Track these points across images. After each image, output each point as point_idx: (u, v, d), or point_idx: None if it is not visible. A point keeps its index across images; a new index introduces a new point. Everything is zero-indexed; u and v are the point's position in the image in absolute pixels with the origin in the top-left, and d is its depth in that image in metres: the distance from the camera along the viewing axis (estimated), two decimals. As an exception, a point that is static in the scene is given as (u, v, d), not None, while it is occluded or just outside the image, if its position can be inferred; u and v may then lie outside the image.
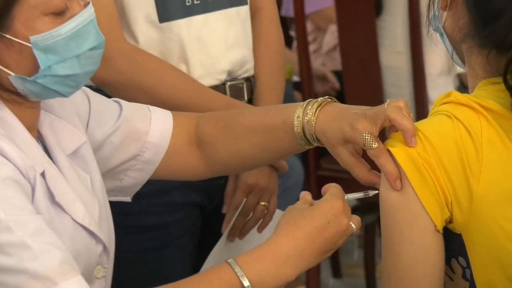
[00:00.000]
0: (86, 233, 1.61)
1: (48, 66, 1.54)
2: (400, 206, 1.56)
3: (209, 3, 2.16)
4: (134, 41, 2.13)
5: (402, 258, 1.57)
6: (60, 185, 1.59)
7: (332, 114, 1.67)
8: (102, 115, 1.79)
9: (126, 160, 1.81)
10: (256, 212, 2.23)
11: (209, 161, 1.86)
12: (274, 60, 2.29)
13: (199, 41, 2.16)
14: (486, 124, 1.56)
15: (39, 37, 1.53)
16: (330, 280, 4.07)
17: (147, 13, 2.12)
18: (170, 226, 2.19)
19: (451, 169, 1.54)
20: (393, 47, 3.33)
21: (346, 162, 1.67)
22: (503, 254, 1.56)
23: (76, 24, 1.55)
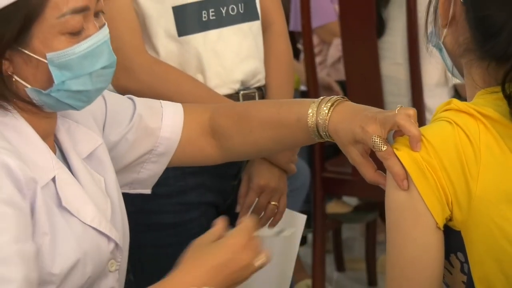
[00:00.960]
0: (96, 233, 1.60)
1: (62, 82, 1.53)
2: (405, 205, 1.56)
3: (223, 18, 2.16)
4: (155, 53, 2.12)
5: (405, 252, 1.57)
6: (70, 190, 1.58)
7: (344, 115, 1.67)
8: (118, 116, 1.78)
9: (142, 155, 1.81)
10: (267, 211, 2.22)
11: (223, 149, 1.86)
12: (283, 71, 2.28)
13: (215, 54, 2.15)
14: (484, 130, 1.55)
15: (55, 55, 1.51)
16: (334, 273, 4.06)
17: (167, 28, 2.11)
18: (187, 224, 2.18)
19: (451, 171, 1.54)
20: (393, 59, 3.32)
21: (355, 161, 1.67)
22: (499, 251, 1.56)
23: (90, 44, 1.54)
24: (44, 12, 1.49)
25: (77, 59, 1.53)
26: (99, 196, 1.64)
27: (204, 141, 1.84)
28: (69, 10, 1.50)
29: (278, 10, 2.33)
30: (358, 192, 3.59)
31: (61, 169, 1.58)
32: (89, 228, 1.58)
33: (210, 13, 2.14)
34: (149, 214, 2.16)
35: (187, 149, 1.83)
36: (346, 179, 3.41)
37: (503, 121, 1.56)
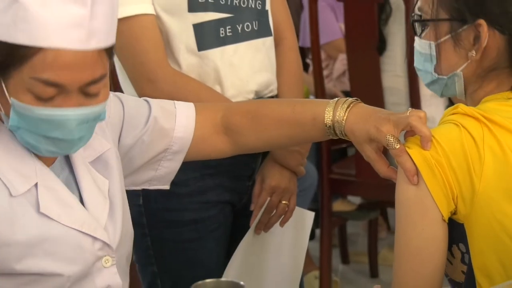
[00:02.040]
0: (79, 233, 1.54)
1: (17, 127, 1.46)
2: (414, 198, 1.56)
3: (239, 34, 2.14)
4: (177, 67, 2.11)
5: (413, 241, 1.57)
6: (51, 195, 1.52)
7: (359, 116, 1.66)
8: (134, 120, 1.74)
9: (157, 154, 1.77)
10: (278, 210, 2.20)
11: (236, 145, 1.83)
12: (293, 82, 2.27)
13: (231, 67, 2.13)
14: (488, 132, 1.56)
15: (17, 103, 1.43)
16: (340, 265, 4.04)
17: (187, 44, 2.10)
18: (206, 220, 2.17)
19: (458, 169, 1.54)
20: (393, 71, 3.31)
21: (369, 157, 1.66)
22: (498, 243, 1.56)
23: (52, 114, 1.44)
24: (23, 66, 1.41)
25: (34, 118, 1.44)
26: (98, 198, 1.60)
27: (216, 138, 1.81)
28: (40, 78, 1.41)
29: (289, 27, 2.31)
30: (361, 192, 3.58)
31: (46, 176, 1.53)
32: (70, 230, 1.52)
33: (227, 30, 2.13)
34: (171, 211, 2.14)
35: (200, 146, 1.80)
36: (350, 180, 3.40)
37: (505, 125, 1.57)
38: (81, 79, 1.43)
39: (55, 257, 1.50)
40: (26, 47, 1.40)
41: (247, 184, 2.23)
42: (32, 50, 1.40)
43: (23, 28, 1.39)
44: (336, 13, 3.99)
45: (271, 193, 2.18)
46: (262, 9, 2.19)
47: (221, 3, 2.11)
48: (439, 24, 1.63)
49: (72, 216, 1.54)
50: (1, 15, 1.41)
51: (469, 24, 1.61)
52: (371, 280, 3.88)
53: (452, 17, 1.61)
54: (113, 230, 1.60)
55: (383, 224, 4.31)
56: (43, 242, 1.50)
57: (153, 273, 2.18)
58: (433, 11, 1.63)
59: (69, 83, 1.42)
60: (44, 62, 1.40)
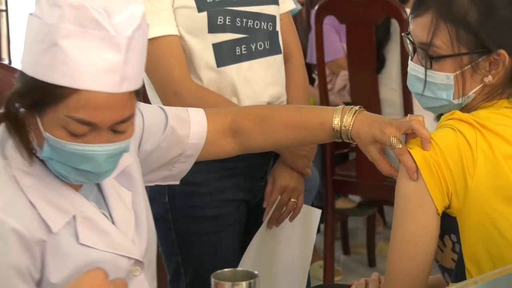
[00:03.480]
0: (116, 256, 1.49)
1: (49, 158, 1.41)
2: (413, 193, 1.55)
3: (253, 53, 2.13)
4: (198, 81, 2.10)
5: (409, 231, 1.56)
6: (89, 225, 1.47)
7: (365, 121, 1.66)
8: (153, 129, 1.69)
9: (173, 158, 1.74)
10: (288, 206, 2.19)
11: (242, 146, 1.80)
12: (301, 95, 2.25)
13: (246, 81, 2.12)
14: (481, 137, 1.55)
15: (51, 137, 1.39)
16: (341, 256, 4.03)
17: (207, 61, 2.09)
18: (224, 216, 2.16)
19: (453, 168, 1.53)
20: (389, 85, 3.31)
21: (373, 157, 1.65)
22: (487, 235, 1.56)
23: (83, 149, 1.38)
24: (58, 105, 1.36)
25: (66, 152, 1.39)
26: (124, 213, 1.56)
27: (224, 141, 1.78)
28: (75, 117, 1.36)
29: (296, 46, 2.30)
30: (361, 191, 3.57)
31: (81, 207, 1.48)
32: (107, 254, 1.48)
33: (242, 48, 2.12)
34: (194, 208, 2.13)
35: (209, 149, 1.77)
36: (351, 181, 3.39)
37: (496, 131, 1.56)
38: (112, 119, 1.39)
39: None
40: (63, 87, 1.35)
41: (260, 184, 2.22)
42: (68, 91, 1.35)
43: (61, 70, 1.34)
44: (340, 34, 3.97)
45: (282, 192, 2.17)
46: (273, 30, 2.18)
47: (237, 25, 2.10)
48: (457, 57, 1.59)
49: (108, 242, 1.49)
50: (41, 56, 1.36)
51: (490, 54, 1.58)
52: (369, 269, 3.86)
53: (472, 51, 1.58)
54: (139, 241, 1.57)
55: (380, 220, 4.30)
56: (85, 267, 1.43)
57: (177, 263, 2.17)
58: (454, 47, 1.58)
59: (101, 122, 1.38)
60: (79, 102, 1.36)
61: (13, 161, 1.43)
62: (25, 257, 1.39)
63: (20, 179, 1.42)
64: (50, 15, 1.35)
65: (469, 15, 1.57)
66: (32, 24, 1.40)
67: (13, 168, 1.43)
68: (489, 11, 1.57)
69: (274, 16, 2.19)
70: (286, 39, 2.25)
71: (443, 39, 1.59)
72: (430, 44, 1.60)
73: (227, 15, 2.09)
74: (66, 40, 1.34)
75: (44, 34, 1.36)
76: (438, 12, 1.58)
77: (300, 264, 2.28)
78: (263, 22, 2.16)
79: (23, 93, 1.39)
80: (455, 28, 1.57)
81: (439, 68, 1.61)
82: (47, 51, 1.35)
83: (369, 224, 3.97)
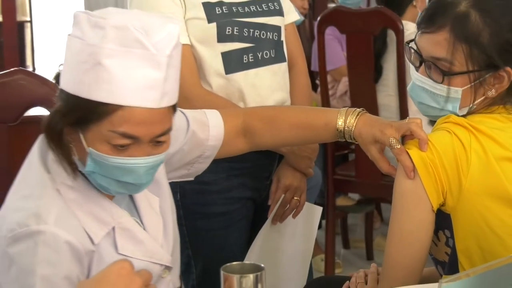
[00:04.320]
0: (150, 263, 1.49)
1: (92, 171, 1.40)
2: (410, 190, 1.55)
3: (259, 60, 2.13)
4: (208, 87, 2.09)
5: (406, 225, 1.56)
6: (126, 236, 1.47)
7: (367, 122, 1.65)
8: (176, 133, 1.66)
9: (193, 159, 1.74)
10: (291, 204, 2.18)
11: (252, 144, 1.79)
12: (304, 100, 2.25)
13: (253, 87, 2.12)
14: (474, 139, 1.55)
15: (94, 152, 1.37)
16: (342, 250, 4.02)
17: (217, 68, 2.09)
18: (232, 213, 2.15)
19: (449, 168, 1.53)
20: (386, 91, 3.30)
21: (373, 157, 1.64)
22: (478, 230, 1.55)
23: (125, 162, 1.37)
24: (102, 121, 1.35)
25: (109, 165, 1.37)
26: (153, 218, 1.55)
27: (237, 140, 1.78)
28: (119, 131, 1.35)
29: (300, 54, 2.30)
30: (359, 190, 3.56)
31: (119, 218, 1.47)
32: (143, 262, 1.47)
33: (250, 57, 2.12)
34: (203, 205, 2.13)
35: (225, 148, 1.76)
36: (351, 180, 3.38)
37: (488, 134, 1.56)
38: (153, 132, 1.37)
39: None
40: (107, 104, 1.34)
41: (266, 183, 2.21)
42: (112, 107, 1.34)
43: (105, 88, 1.33)
44: (342, 44, 3.96)
45: (285, 190, 2.17)
46: (278, 40, 2.18)
47: (244, 35, 2.10)
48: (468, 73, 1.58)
49: (142, 250, 1.49)
50: (84, 75, 1.35)
51: (497, 70, 1.58)
52: (367, 262, 3.85)
53: (482, 68, 1.57)
54: (167, 245, 1.56)
55: (378, 216, 4.29)
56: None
57: (188, 256, 2.17)
58: (468, 64, 1.57)
59: (143, 136, 1.36)
60: (123, 118, 1.34)
61: (57, 176, 1.42)
62: (76, 266, 1.38)
63: (64, 193, 1.41)
64: (93, 36, 1.34)
65: (482, 35, 1.55)
66: (73, 44, 1.38)
67: (57, 182, 1.41)
68: (498, 32, 1.56)
69: (279, 27, 2.18)
70: (290, 48, 2.25)
71: (457, 57, 1.57)
72: (445, 60, 1.58)
73: (235, 25, 2.08)
74: (109, 59, 1.33)
75: (88, 54, 1.34)
76: (453, 31, 1.56)
77: (302, 257, 2.27)
78: (269, 32, 2.15)
79: (66, 111, 1.37)
80: (470, 47, 1.56)
81: (449, 83, 1.59)
82: (91, 70, 1.34)
83: (367, 220, 3.96)
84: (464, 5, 1.57)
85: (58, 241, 1.35)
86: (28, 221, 1.35)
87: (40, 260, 1.34)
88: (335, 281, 1.89)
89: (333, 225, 3.48)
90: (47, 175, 1.42)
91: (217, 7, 2.08)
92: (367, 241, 3.94)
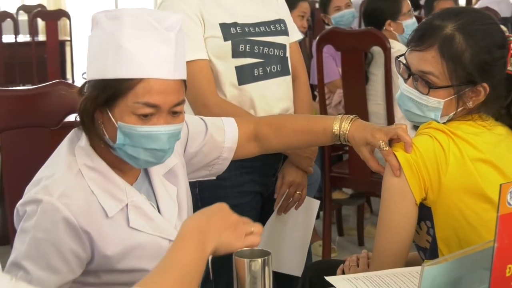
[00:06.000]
0: (160, 238, 1.47)
1: (122, 144, 1.39)
2: (396, 187, 1.54)
3: (268, 74, 2.13)
4: (223, 96, 2.09)
5: (393, 217, 1.55)
6: (138, 212, 1.45)
7: (359, 127, 1.65)
8: (196, 135, 1.69)
9: (212, 160, 1.74)
10: (294, 198, 2.18)
11: (263, 148, 1.79)
12: (305, 108, 2.24)
13: (262, 96, 2.12)
14: (452, 143, 1.54)
15: (123, 125, 1.37)
16: (337, 237, 4.01)
17: (231, 80, 2.09)
18: (243, 205, 2.14)
19: (430, 167, 1.52)
20: (375, 100, 3.30)
21: (365, 157, 1.63)
22: (455, 222, 1.54)
23: (150, 130, 1.37)
24: (127, 95, 1.36)
25: (137, 135, 1.38)
26: (169, 203, 1.53)
27: (249, 144, 1.78)
28: (142, 101, 1.36)
29: (302, 68, 2.29)
30: (352, 185, 3.55)
31: (133, 197, 1.45)
32: (153, 237, 1.46)
33: (259, 70, 2.12)
34: (218, 198, 2.05)
35: (239, 151, 1.76)
36: (345, 177, 3.38)
37: (464, 138, 1.56)
38: (170, 101, 1.38)
39: (143, 258, 1.44)
40: (130, 79, 1.35)
41: (272, 179, 2.21)
42: (135, 81, 1.35)
43: (127, 65, 1.35)
44: (336, 60, 3.96)
45: (289, 186, 2.16)
46: (283, 56, 2.18)
47: (255, 52, 2.10)
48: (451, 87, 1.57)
49: (153, 226, 1.47)
50: (108, 59, 1.36)
51: (475, 85, 1.57)
52: (359, 247, 3.84)
53: (462, 83, 1.57)
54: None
55: (368, 208, 4.28)
56: (134, 249, 1.43)
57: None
58: (451, 79, 1.56)
59: (162, 104, 1.37)
60: (144, 89, 1.36)
61: (80, 158, 1.43)
62: (71, 240, 1.36)
63: (85, 173, 1.42)
64: (111, 26, 1.37)
65: (464, 55, 1.55)
66: (94, 40, 1.41)
67: (79, 163, 1.42)
68: (478, 53, 1.55)
69: (284, 45, 2.18)
70: (294, 63, 2.25)
71: (442, 72, 1.57)
72: (431, 74, 1.57)
73: (247, 43, 2.08)
74: (128, 41, 1.35)
75: (109, 41, 1.37)
76: (440, 50, 1.56)
77: (302, 243, 2.27)
78: (276, 49, 2.15)
79: (96, 95, 1.38)
80: (453, 65, 1.55)
81: (433, 94, 1.59)
82: (113, 53, 1.36)
83: (359, 211, 3.95)
84: (450, 28, 1.56)
85: (55, 213, 1.34)
86: (39, 191, 1.36)
87: (36, 224, 1.35)
88: (331, 264, 1.88)
89: (330, 216, 3.47)
90: (71, 158, 1.43)
91: (232, 28, 2.08)
92: (358, 229, 3.93)
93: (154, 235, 1.47)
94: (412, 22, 3.46)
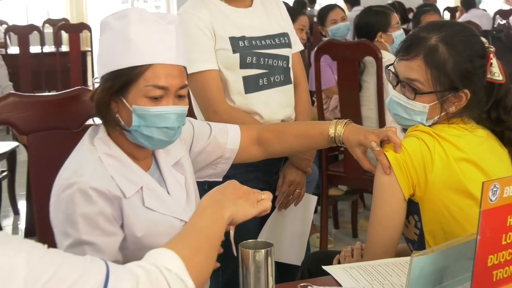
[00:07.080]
0: (172, 218, 1.49)
1: (137, 126, 1.43)
2: (387, 184, 1.54)
3: (272, 83, 2.13)
4: (232, 103, 2.10)
5: (383, 212, 1.55)
6: (152, 195, 1.47)
7: (352, 130, 1.65)
8: (201, 135, 1.71)
9: (215, 159, 1.74)
10: (294, 195, 2.18)
11: (265, 152, 1.80)
12: (306, 113, 2.25)
13: (266, 103, 2.12)
14: (438, 144, 1.54)
15: (137, 107, 1.41)
16: (333, 230, 4.02)
17: (239, 89, 2.09)
18: (248, 201, 2.15)
19: (417, 166, 1.52)
20: (368, 106, 3.29)
21: (358, 157, 1.64)
22: (441, 216, 1.54)
23: (161, 110, 1.42)
24: (139, 79, 1.40)
25: (150, 116, 1.42)
26: (178, 189, 1.56)
27: (252, 148, 1.79)
28: (152, 84, 1.40)
29: (303, 77, 2.30)
30: (347, 183, 3.55)
31: (148, 182, 1.48)
32: (165, 216, 1.48)
33: (264, 80, 2.12)
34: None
35: (242, 153, 1.77)
36: (340, 175, 3.37)
37: (449, 140, 1.55)
38: (177, 83, 1.43)
39: (157, 234, 1.46)
40: (140, 66, 1.40)
41: (274, 178, 2.21)
42: (144, 67, 1.40)
43: (136, 54, 1.40)
44: (332, 69, 3.96)
45: (290, 184, 2.17)
46: (286, 67, 2.18)
47: (261, 63, 2.11)
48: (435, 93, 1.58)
49: (165, 207, 1.50)
50: (119, 52, 1.41)
51: (457, 92, 1.57)
52: (353, 239, 3.84)
53: (445, 89, 1.57)
54: (190, 210, 1.56)
55: (361, 203, 4.28)
56: (149, 225, 1.46)
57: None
58: (435, 86, 1.57)
59: (170, 86, 1.42)
60: (153, 73, 1.40)
61: (99, 147, 1.46)
62: (107, 205, 1.40)
63: (104, 160, 1.45)
64: (119, 24, 1.42)
65: (447, 64, 1.55)
66: (104, 40, 1.45)
67: (99, 152, 1.46)
68: (460, 62, 1.56)
69: (287, 56, 2.19)
70: (295, 71, 2.25)
71: (427, 79, 1.57)
72: (417, 81, 1.58)
73: (254, 56, 2.09)
74: (135, 34, 1.40)
75: (118, 37, 1.42)
76: (425, 59, 1.56)
77: (301, 235, 2.27)
78: (280, 60, 2.15)
79: (110, 85, 1.42)
80: (437, 73, 1.56)
81: (419, 100, 1.59)
82: (123, 46, 1.41)
83: (353, 206, 3.95)
84: (434, 40, 1.57)
85: (89, 188, 1.37)
86: (71, 176, 1.39)
87: (77, 202, 1.37)
88: (328, 254, 1.88)
89: (326, 210, 3.47)
90: (92, 147, 1.46)
91: (240, 41, 2.09)
92: (353, 223, 3.93)
93: (167, 214, 1.49)
94: (400, 33, 3.47)
